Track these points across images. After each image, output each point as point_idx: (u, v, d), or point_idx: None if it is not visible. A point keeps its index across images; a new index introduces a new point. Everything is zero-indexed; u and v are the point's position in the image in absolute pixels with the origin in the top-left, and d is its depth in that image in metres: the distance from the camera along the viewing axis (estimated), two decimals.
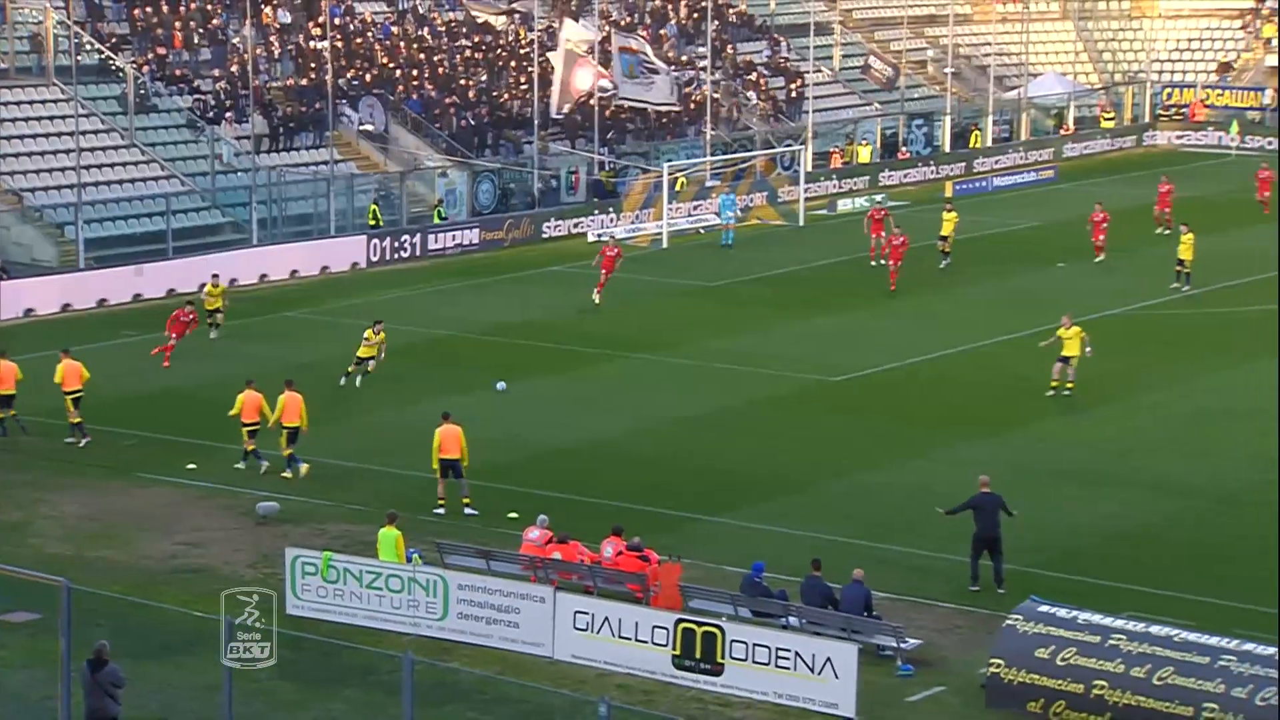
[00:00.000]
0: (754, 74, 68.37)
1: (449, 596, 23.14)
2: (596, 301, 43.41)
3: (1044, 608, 21.66)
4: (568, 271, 49.70)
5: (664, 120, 62.38)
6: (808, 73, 67.69)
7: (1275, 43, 77.56)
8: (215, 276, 41.78)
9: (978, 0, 79.43)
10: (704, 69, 63.36)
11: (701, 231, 55.30)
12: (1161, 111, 76.32)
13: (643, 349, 39.77)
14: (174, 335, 37.68)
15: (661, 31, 68.04)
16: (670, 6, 69.72)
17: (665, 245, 52.74)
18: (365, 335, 35.77)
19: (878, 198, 60.28)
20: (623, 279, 45.02)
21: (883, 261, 46.16)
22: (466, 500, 28.44)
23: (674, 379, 37.35)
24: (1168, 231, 51.43)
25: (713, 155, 59.72)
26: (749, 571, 23.83)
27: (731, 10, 71.72)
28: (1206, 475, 30.41)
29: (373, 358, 35.68)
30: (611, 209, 55.89)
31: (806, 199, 57.98)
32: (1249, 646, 20.53)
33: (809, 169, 61.27)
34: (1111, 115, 75.67)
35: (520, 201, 56.68)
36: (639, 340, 40.63)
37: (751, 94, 67.23)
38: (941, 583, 25.27)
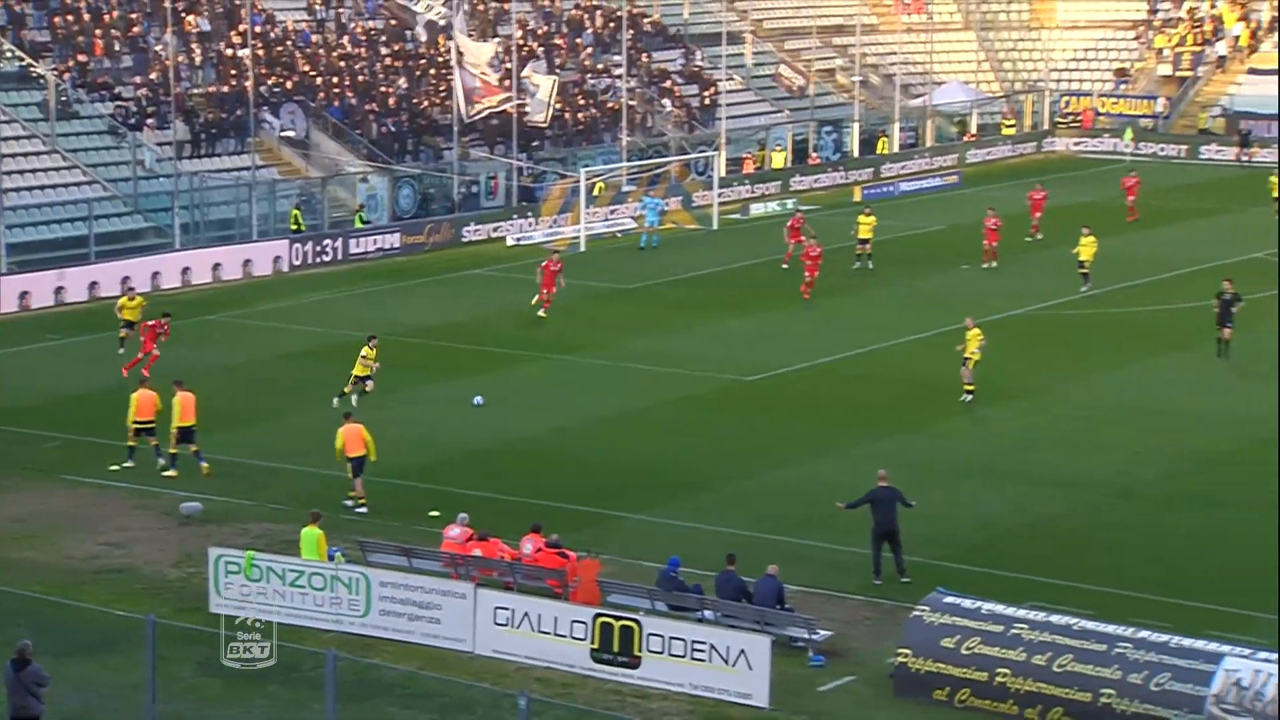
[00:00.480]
0: (668, 82, 68.53)
1: (371, 594, 23.04)
2: (542, 315, 42.19)
3: (949, 599, 21.87)
4: (488, 275, 49.59)
5: (580, 126, 62.39)
6: (720, 81, 67.92)
7: (1167, 53, 78.72)
8: (131, 290, 41.01)
9: (884, 11, 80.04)
10: (620, 77, 63.43)
11: (619, 235, 55.35)
12: (1060, 119, 77.23)
13: (561, 350, 39.73)
14: (149, 348, 36.24)
15: (578, 40, 68.06)
16: (586, 16, 69.73)
17: (583, 248, 52.74)
18: (362, 353, 34.11)
19: (789, 203, 60.63)
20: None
21: (799, 263, 46.14)
22: (353, 494, 28.27)
23: (592, 379, 37.35)
24: (1039, 238, 51.68)
25: (629, 161, 59.79)
26: (665, 567, 23.89)
27: (646, 20, 71.83)
28: (1105, 470, 30.79)
29: (369, 376, 34.05)
30: (530, 213, 55.81)
31: (720, 203, 58.16)
32: (1144, 634, 20.83)
33: (722, 174, 61.47)
34: (1012, 122, 76.47)
35: (440, 206, 56.48)
36: (558, 341, 40.58)
37: (666, 101, 67.37)
38: (852, 576, 25.44)
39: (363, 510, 28.15)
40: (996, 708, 20.88)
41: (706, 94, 68.71)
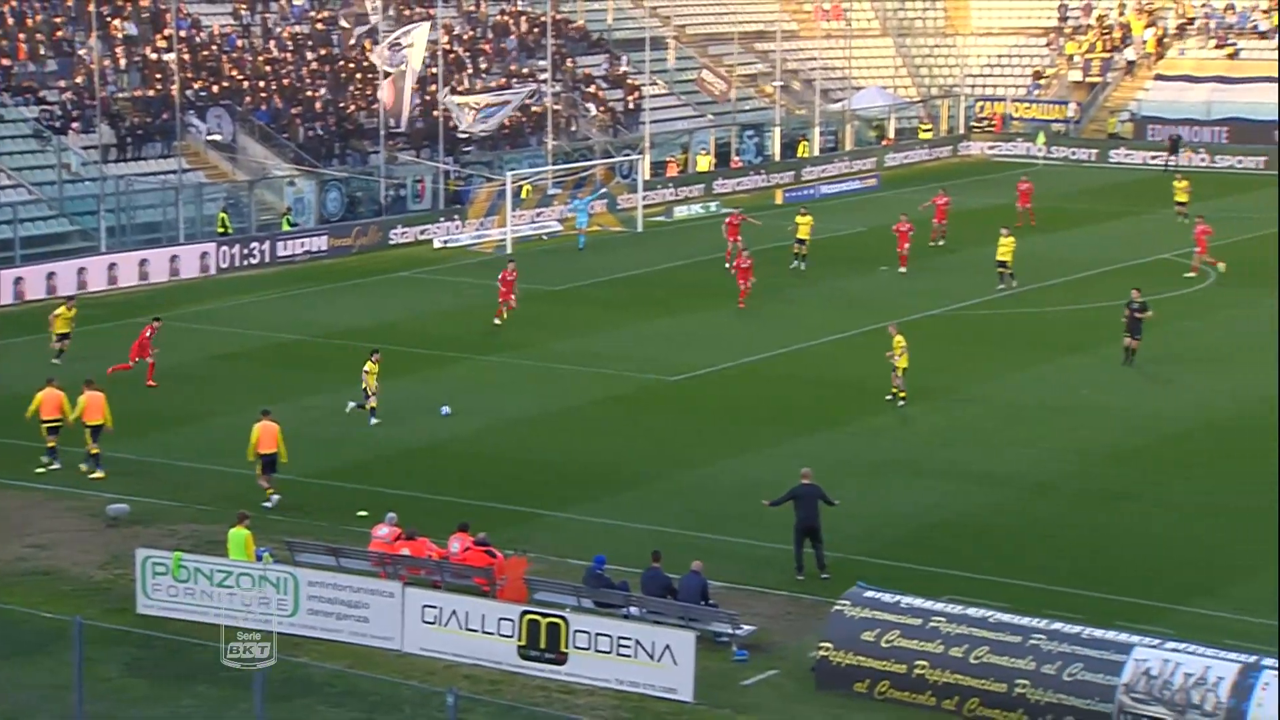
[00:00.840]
0: (593, 86, 68.54)
1: (299, 593, 22.88)
2: (497, 322, 41.41)
3: (870, 593, 22.02)
4: (415, 277, 49.38)
5: (506, 130, 62.28)
6: (644, 85, 68.02)
7: (1077, 59, 79.67)
8: (70, 299, 40.21)
9: (804, 17, 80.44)
10: (545, 81, 63.37)
11: (545, 238, 55.29)
12: (974, 123, 77.93)
13: (489, 351, 39.62)
14: (143, 357, 35.56)
15: (503, 45, 67.93)
16: (511, 21, 69.60)
17: (510, 251, 52.63)
18: (366, 368, 33.25)
19: (711, 206, 60.86)
20: (469, 284, 44.81)
21: (730, 265, 46.06)
22: (272, 491, 28.16)
23: (519, 380, 37.26)
24: (942, 243, 51.87)
25: (554, 164, 59.73)
26: (591, 564, 23.91)
27: (570, 26, 71.80)
28: (1021, 466, 31.09)
29: (374, 390, 33.14)
30: (457, 216, 55.64)
31: (645, 206, 58.24)
32: (1057, 626, 21.07)
33: (647, 177, 61.56)
34: (929, 127, 77.07)
35: (368, 209, 56.16)
36: (485, 342, 40.46)
37: (591, 105, 67.37)
38: (775, 572, 25.54)
39: (276, 497, 27.82)
40: (915, 699, 21.05)
41: (630, 98, 68.78)
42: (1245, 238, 54.63)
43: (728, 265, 47.65)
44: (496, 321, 41.72)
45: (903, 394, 34.46)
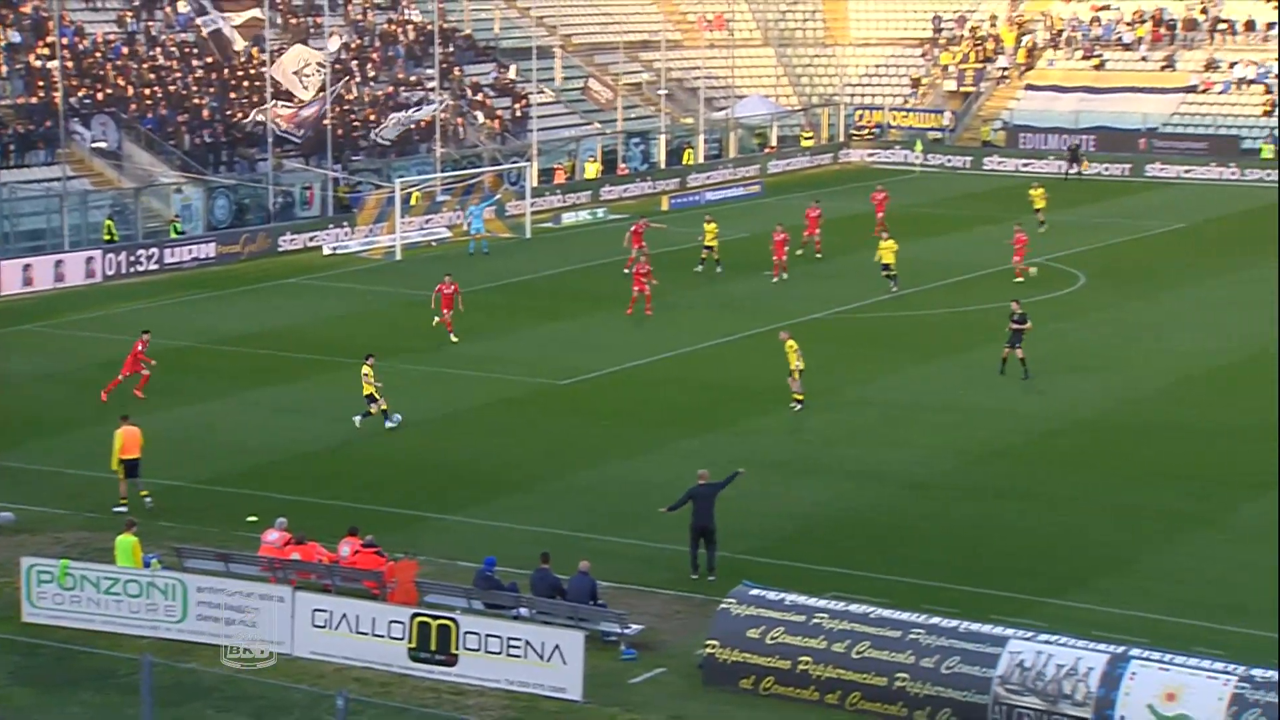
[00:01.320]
0: (480, 94, 68.28)
1: (188, 599, 22.54)
2: (454, 340, 40.46)
3: (755, 591, 22.14)
4: (304, 283, 48.87)
5: (395, 138, 61.85)
6: (531, 94, 67.91)
7: (952, 69, 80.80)
8: None
9: (687, 27, 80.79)
10: (432, 90, 63.03)
11: (434, 244, 54.98)
12: (854, 131, 78.78)
13: (378, 356, 39.20)
14: (136, 370, 34.55)
15: (390, 53, 67.43)
16: (399, 30, 69.12)
17: (399, 257, 52.30)
18: (364, 372, 32.75)
19: (599, 212, 60.89)
20: (359, 290, 44.38)
21: (629, 271, 45.96)
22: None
23: (408, 384, 36.97)
24: (818, 255, 52.14)
25: (443, 172, 59.44)
26: (482, 566, 23.81)
27: (457, 35, 71.47)
28: (900, 464, 31.44)
29: (373, 396, 32.56)
30: (346, 223, 55.14)
31: (533, 212, 58.14)
32: (935, 620, 21.33)
33: (535, 184, 61.46)
34: (810, 135, 77.74)
35: (256, 217, 55.47)
36: (374, 348, 40.01)
37: (479, 113, 67.12)
38: (663, 571, 25.60)
39: (122, 510, 27.29)
40: (799, 694, 21.20)
41: (518, 107, 68.63)
42: (1111, 243, 55.82)
43: (627, 271, 47.42)
44: (454, 339, 40.55)
45: (799, 396, 34.63)
